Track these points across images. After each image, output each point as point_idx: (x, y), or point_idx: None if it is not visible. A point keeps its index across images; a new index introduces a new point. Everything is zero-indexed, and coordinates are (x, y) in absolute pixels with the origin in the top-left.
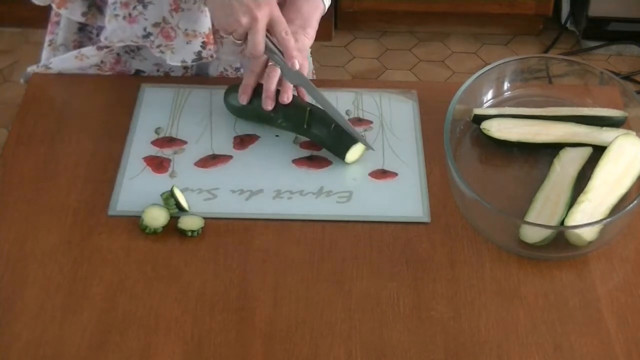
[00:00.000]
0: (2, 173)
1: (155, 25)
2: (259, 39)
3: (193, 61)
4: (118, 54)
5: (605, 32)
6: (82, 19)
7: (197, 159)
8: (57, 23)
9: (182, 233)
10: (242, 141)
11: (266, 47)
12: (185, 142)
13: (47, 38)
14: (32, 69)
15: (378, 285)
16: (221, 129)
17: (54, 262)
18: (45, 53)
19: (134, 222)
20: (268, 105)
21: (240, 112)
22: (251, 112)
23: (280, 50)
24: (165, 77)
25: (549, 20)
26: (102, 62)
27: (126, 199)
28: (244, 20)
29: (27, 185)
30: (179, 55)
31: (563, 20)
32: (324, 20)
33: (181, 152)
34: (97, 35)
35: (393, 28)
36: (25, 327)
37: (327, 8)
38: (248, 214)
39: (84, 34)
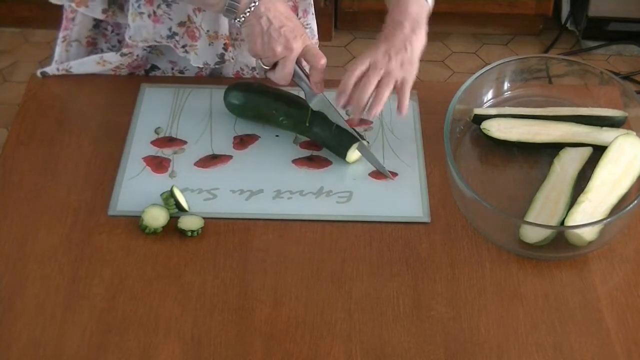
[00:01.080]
0: (2, 173)
1: (181, 24)
2: (290, 70)
3: (216, 64)
4: (138, 55)
5: (605, 32)
6: (102, 16)
7: (197, 159)
8: (73, 19)
9: (182, 233)
10: (242, 141)
11: (294, 72)
12: (185, 142)
13: (61, 34)
14: (52, 70)
15: (378, 285)
16: (221, 129)
17: (54, 262)
18: (58, 49)
19: (134, 222)
20: (340, 100)
21: (240, 111)
22: (251, 110)
23: (306, 75)
24: (165, 77)
25: (549, 20)
26: (121, 64)
27: (126, 199)
28: (279, 50)
29: (27, 185)
30: (202, 57)
31: (563, 20)
32: (323, 20)
33: (181, 152)
34: (112, 31)
35: None
36: (25, 327)
37: (431, 7)
38: (248, 214)
39: (99, 30)
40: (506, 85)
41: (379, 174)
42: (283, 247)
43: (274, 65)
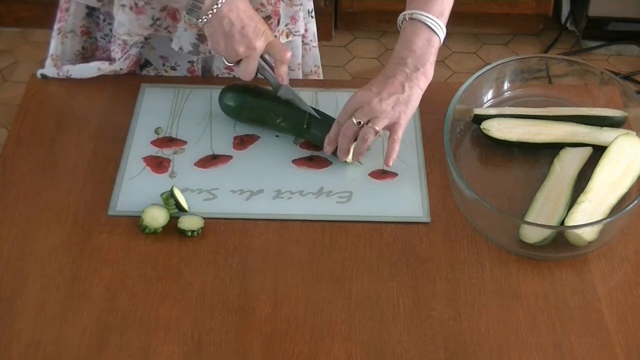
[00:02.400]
0: (2, 173)
1: (163, 9)
2: (253, 67)
3: (189, 52)
4: (133, 54)
5: (605, 32)
6: (97, 4)
7: (197, 159)
8: (67, 10)
9: (182, 233)
10: (242, 141)
11: (259, 65)
12: (185, 142)
13: (56, 26)
14: (52, 73)
15: (378, 285)
16: (221, 129)
17: (54, 262)
18: (53, 42)
19: (134, 222)
20: (328, 150)
21: (236, 114)
22: (248, 113)
23: (271, 67)
24: (165, 77)
25: (549, 20)
26: (121, 68)
27: (126, 199)
28: (242, 50)
29: (27, 185)
30: (179, 42)
31: (563, 20)
32: (323, 20)
33: (181, 152)
34: (104, 21)
35: (393, 28)
36: (25, 327)
37: (442, 40)
38: (248, 214)
39: (92, 19)
40: (506, 85)
41: (379, 174)
42: (283, 247)
43: (238, 61)
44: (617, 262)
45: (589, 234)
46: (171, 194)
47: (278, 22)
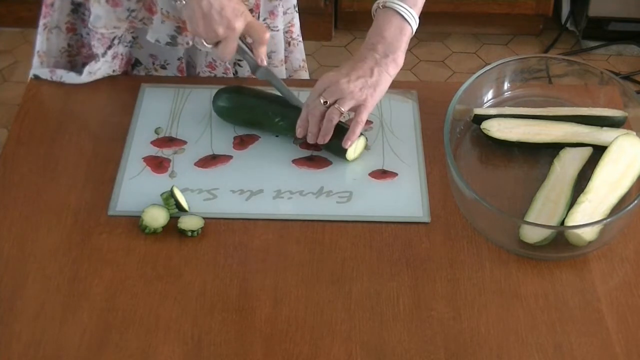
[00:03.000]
0: (2, 173)
1: (138, 1)
2: (233, 48)
3: (167, 44)
4: (122, 54)
5: (605, 32)
6: None
7: (197, 159)
8: (52, 5)
9: (182, 233)
10: (242, 141)
11: (237, 47)
12: (185, 142)
13: (42, 22)
14: (44, 74)
15: (378, 285)
16: (221, 129)
17: (54, 262)
18: (39, 38)
19: (134, 222)
20: (300, 133)
21: (231, 116)
22: (244, 115)
23: (250, 48)
24: (165, 77)
25: (549, 20)
26: (113, 70)
27: (126, 199)
28: (221, 31)
29: (27, 185)
30: (155, 34)
31: (563, 20)
32: (323, 20)
33: (181, 152)
34: (89, 16)
35: None
36: (25, 327)
37: (414, 30)
38: (248, 214)
39: (77, 15)
40: (506, 85)
41: (379, 173)
42: (283, 247)
43: (217, 43)
44: (617, 262)
45: (589, 234)
46: (171, 194)
47: (258, 17)
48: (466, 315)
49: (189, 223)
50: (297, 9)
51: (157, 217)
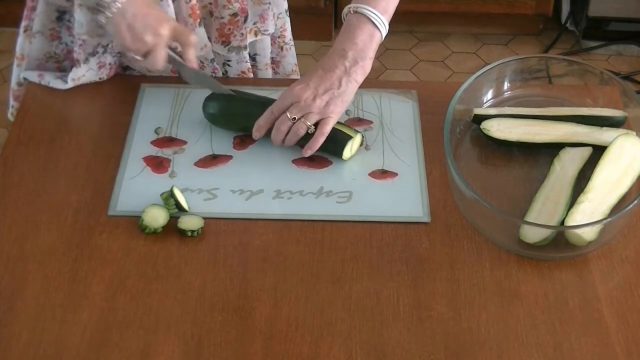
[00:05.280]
0: (2, 173)
1: None
2: (162, 54)
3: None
4: (110, 63)
5: (605, 32)
6: (66, 4)
7: (197, 159)
8: (33, 8)
9: (182, 233)
10: (242, 141)
11: (168, 56)
12: (185, 142)
13: (23, 23)
14: (32, 77)
15: (378, 285)
16: (221, 129)
17: (54, 262)
18: (20, 39)
19: (134, 222)
20: (256, 136)
21: (220, 123)
22: (234, 121)
23: (179, 55)
24: (166, 77)
25: (548, 20)
26: (100, 78)
27: (126, 199)
28: (149, 39)
29: (27, 185)
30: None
31: (563, 20)
32: (323, 20)
33: (181, 152)
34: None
35: (393, 28)
36: (25, 327)
37: (384, 36)
38: (248, 214)
39: (62, 23)
40: (506, 85)
41: (379, 174)
42: (283, 247)
43: (146, 54)
44: (617, 262)
45: (588, 234)
46: (171, 194)
47: (245, 20)
48: (466, 315)
49: (189, 223)
50: (288, 13)
51: (157, 217)
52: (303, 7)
